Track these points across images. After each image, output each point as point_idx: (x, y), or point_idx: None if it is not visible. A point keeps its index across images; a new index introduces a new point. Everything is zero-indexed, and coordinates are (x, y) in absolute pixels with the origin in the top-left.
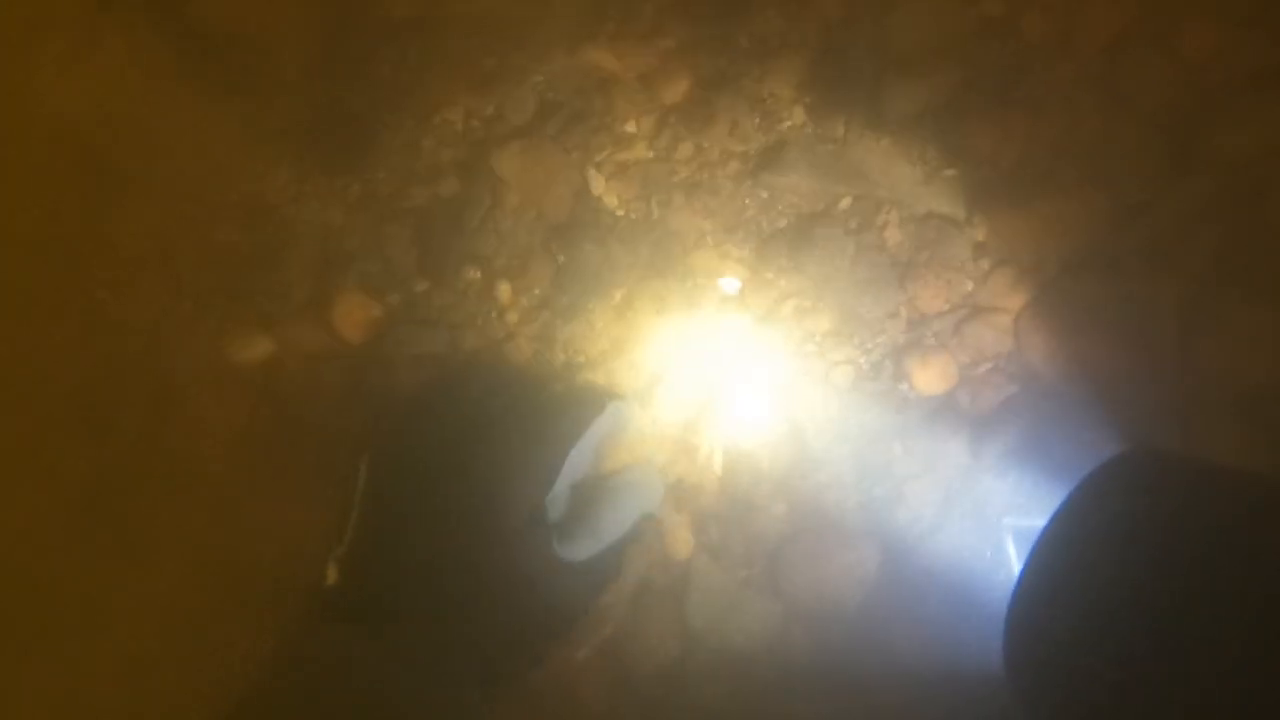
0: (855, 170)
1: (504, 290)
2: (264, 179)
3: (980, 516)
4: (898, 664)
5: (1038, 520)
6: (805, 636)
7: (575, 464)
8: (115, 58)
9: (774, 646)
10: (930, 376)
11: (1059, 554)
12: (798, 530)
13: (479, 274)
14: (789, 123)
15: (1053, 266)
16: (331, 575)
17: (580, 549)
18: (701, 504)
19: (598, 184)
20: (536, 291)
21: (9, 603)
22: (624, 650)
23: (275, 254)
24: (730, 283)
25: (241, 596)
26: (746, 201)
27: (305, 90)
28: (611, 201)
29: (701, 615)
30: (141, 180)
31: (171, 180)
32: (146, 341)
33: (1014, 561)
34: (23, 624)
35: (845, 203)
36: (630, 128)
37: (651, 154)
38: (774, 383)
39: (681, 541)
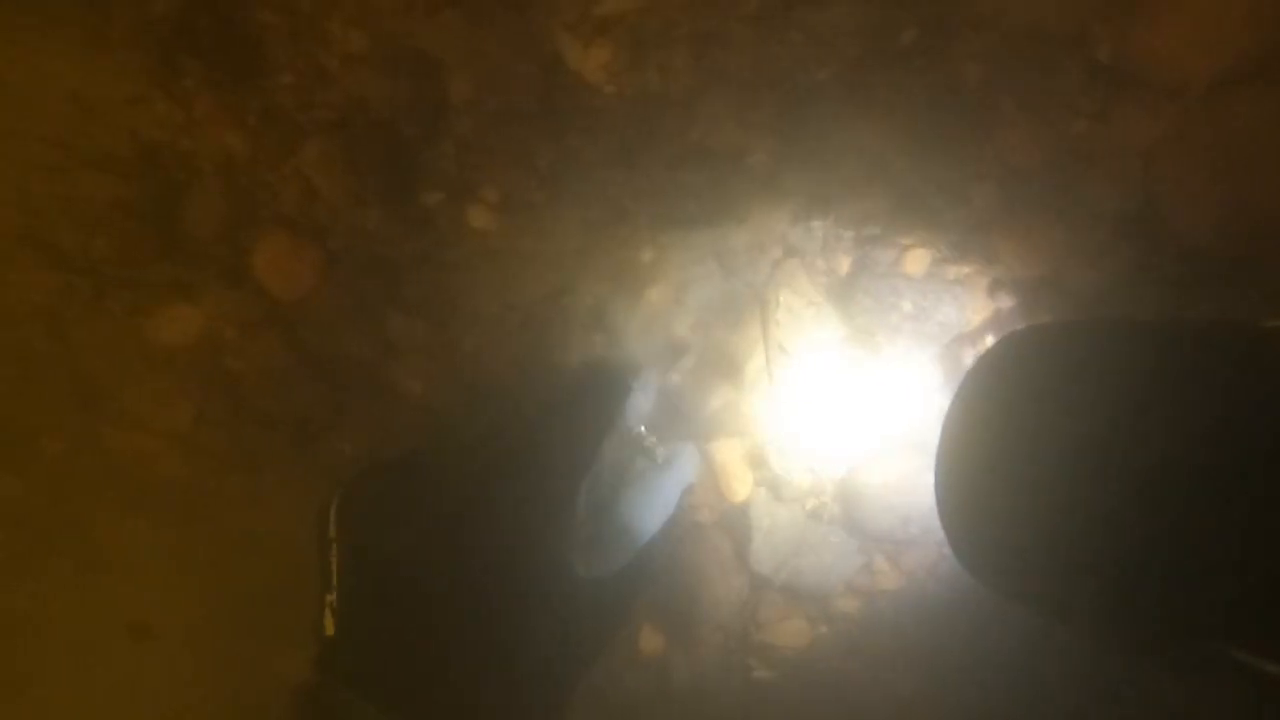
0: None
1: (475, 213)
2: (138, 109)
3: None
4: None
5: None
6: (890, 568)
7: (602, 465)
8: None
9: (853, 583)
10: (1028, 251)
11: (969, 426)
12: (871, 451)
13: (440, 195)
14: None
15: (1200, 85)
16: (329, 626)
17: (615, 557)
18: (756, 432)
19: (574, 53)
20: (516, 209)
21: None
22: (683, 612)
23: (174, 203)
24: (758, 160)
25: (233, 614)
26: (774, 50)
27: None
28: (595, 75)
29: (767, 559)
30: None
31: (17, 126)
32: (46, 335)
33: None
34: (2, 667)
35: (909, 35)
36: None
37: (639, 2)
38: (829, 280)
39: (737, 479)
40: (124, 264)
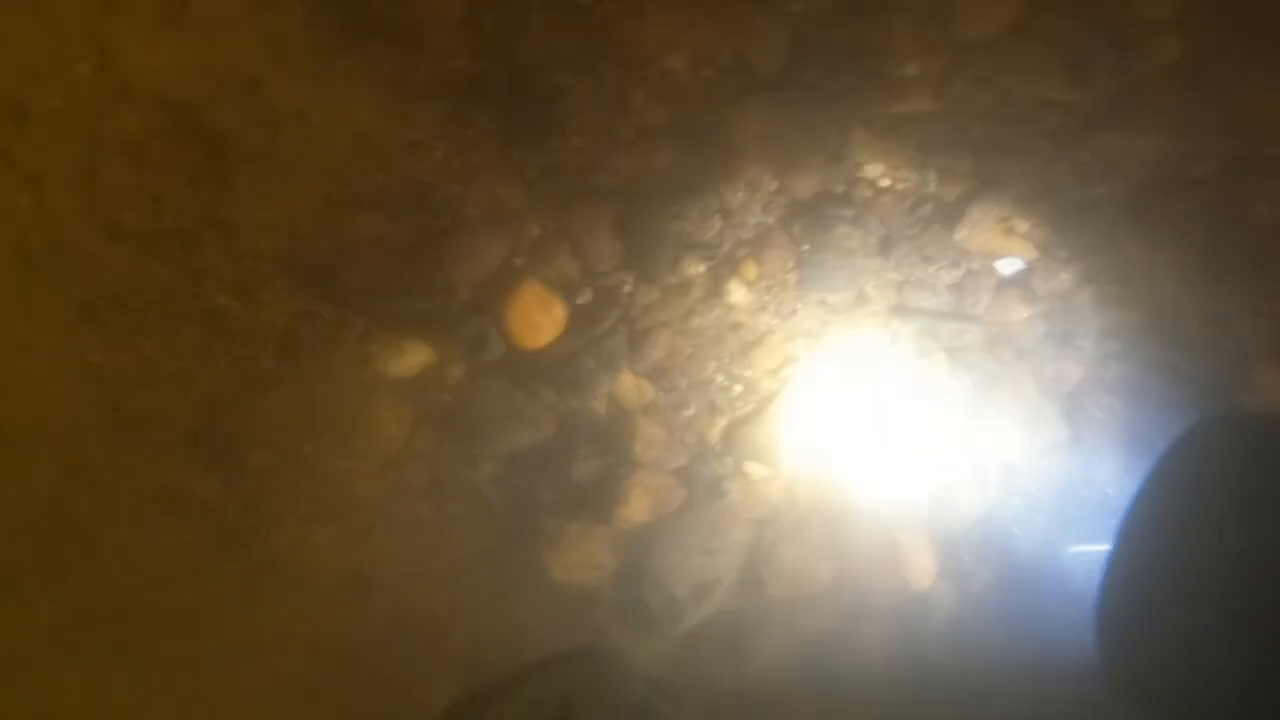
0: (1234, 122)
1: (732, 287)
2: (419, 152)
3: None
4: None
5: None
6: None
7: None
8: (218, 9)
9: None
10: None
11: (1156, 520)
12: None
13: (703, 267)
14: (1156, 59)
15: None
16: None
17: None
18: (954, 524)
19: (863, 147)
20: (769, 287)
21: (145, 634)
22: (841, 693)
23: (434, 244)
24: (1010, 263)
25: (387, 638)
26: (1058, 164)
27: (469, 36)
28: (877, 169)
29: (937, 650)
30: (265, 156)
31: (302, 155)
32: (278, 353)
33: None
34: (162, 655)
35: (1206, 167)
36: (912, 70)
37: (937, 105)
38: (1056, 387)
39: (923, 567)
40: (371, 296)
